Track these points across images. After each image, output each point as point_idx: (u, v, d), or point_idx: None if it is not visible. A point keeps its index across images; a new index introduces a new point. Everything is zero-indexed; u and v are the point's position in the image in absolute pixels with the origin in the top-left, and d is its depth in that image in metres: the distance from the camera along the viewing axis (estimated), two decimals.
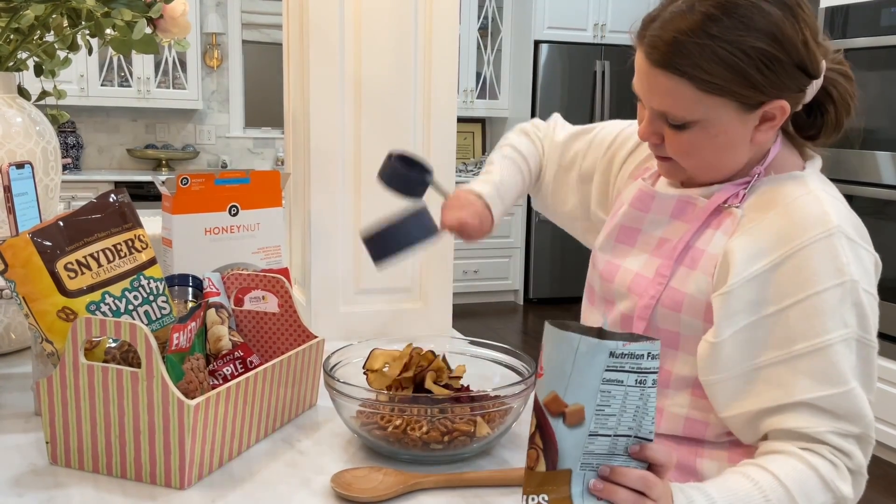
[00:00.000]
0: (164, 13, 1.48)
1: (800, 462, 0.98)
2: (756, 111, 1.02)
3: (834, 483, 0.98)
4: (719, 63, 0.97)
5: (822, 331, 0.98)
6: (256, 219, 1.43)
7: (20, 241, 0.97)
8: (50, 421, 1.00)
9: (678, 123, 1.03)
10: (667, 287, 1.09)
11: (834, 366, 0.98)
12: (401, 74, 1.56)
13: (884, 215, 3.57)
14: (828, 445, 0.99)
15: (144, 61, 5.59)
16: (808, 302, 0.98)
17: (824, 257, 0.99)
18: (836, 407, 0.99)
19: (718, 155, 1.05)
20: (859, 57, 3.65)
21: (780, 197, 1.04)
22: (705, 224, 1.08)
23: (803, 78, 1.01)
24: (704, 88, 0.98)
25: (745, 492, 0.96)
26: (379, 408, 1.03)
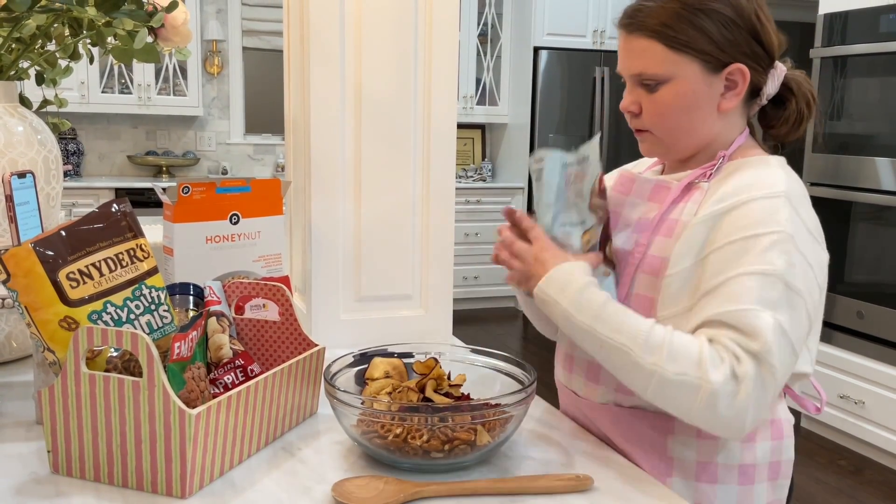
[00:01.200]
0: (165, 22, 1.49)
1: (695, 339, 1.05)
2: (719, 74, 1.15)
3: (706, 364, 1.02)
4: (684, 21, 1.12)
5: (745, 263, 1.06)
6: (257, 227, 1.43)
7: (22, 251, 0.97)
8: (51, 430, 1.00)
9: (651, 83, 1.16)
10: (646, 255, 1.18)
11: (744, 289, 1.05)
12: (401, 81, 1.57)
13: (883, 221, 3.57)
14: (725, 347, 1.04)
15: (145, 68, 5.60)
16: (740, 243, 1.07)
17: (764, 210, 1.08)
18: (738, 322, 1.04)
19: (688, 116, 1.17)
20: (858, 63, 3.66)
21: (744, 169, 1.16)
22: (677, 200, 1.18)
23: (757, 48, 1.15)
24: (672, 45, 1.13)
25: (627, 318, 1.07)
26: (379, 416, 1.04)
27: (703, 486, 1.16)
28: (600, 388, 1.23)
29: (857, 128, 3.70)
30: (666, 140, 1.21)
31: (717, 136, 1.20)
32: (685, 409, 1.05)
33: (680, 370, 1.02)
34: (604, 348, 1.08)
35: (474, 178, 6.46)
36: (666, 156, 1.25)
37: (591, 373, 1.24)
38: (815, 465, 3.57)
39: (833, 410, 3.78)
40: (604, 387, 1.22)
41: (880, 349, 3.56)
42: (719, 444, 1.16)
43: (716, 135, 1.20)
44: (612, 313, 1.08)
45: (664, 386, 1.04)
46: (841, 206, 3.74)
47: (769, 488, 1.19)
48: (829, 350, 3.78)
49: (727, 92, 1.16)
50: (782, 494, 1.22)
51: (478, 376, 1.22)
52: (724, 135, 1.20)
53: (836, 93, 3.78)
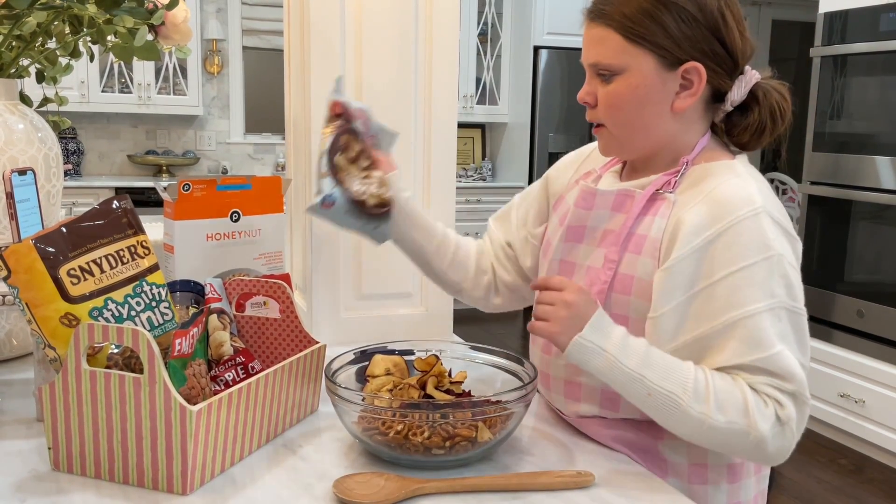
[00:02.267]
0: (165, 20, 1.49)
1: (735, 382, 1.05)
2: (675, 71, 1.11)
3: (754, 413, 1.03)
4: (644, 14, 1.10)
5: (751, 300, 1.05)
6: (258, 224, 1.43)
7: (23, 247, 0.97)
8: (52, 427, 1.00)
9: (606, 73, 1.14)
10: (616, 273, 1.15)
11: (762, 331, 1.04)
12: (401, 80, 1.57)
13: (883, 220, 3.57)
14: (764, 393, 1.05)
15: (145, 67, 5.59)
16: (738, 275, 1.05)
17: (752, 234, 1.06)
18: (771, 366, 1.05)
19: (640, 111, 1.14)
20: (858, 62, 3.66)
21: (710, 179, 1.12)
22: (643, 212, 1.15)
23: (719, 48, 1.12)
24: (629, 37, 1.11)
25: (672, 363, 1.05)
26: (380, 413, 1.04)
27: (696, 487, 1.16)
28: (582, 405, 1.20)
29: (857, 127, 3.70)
30: (619, 136, 1.17)
31: (673, 138, 1.16)
32: (731, 450, 1.08)
33: (729, 419, 1.03)
34: (653, 396, 1.05)
35: (474, 178, 6.46)
36: (621, 154, 1.22)
37: (569, 391, 1.21)
38: (816, 464, 3.58)
39: (833, 409, 3.78)
40: (586, 404, 1.19)
41: (880, 348, 3.56)
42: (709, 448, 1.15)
43: (672, 136, 1.16)
44: (658, 359, 1.06)
45: (713, 433, 1.04)
46: (841, 204, 3.74)
47: (755, 482, 1.21)
48: (829, 349, 3.78)
49: (682, 91, 1.13)
50: (765, 485, 1.24)
51: (478, 373, 1.22)
52: (682, 137, 1.17)
53: (836, 92, 3.78)
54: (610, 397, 1.16)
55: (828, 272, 3.80)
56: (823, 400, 3.82)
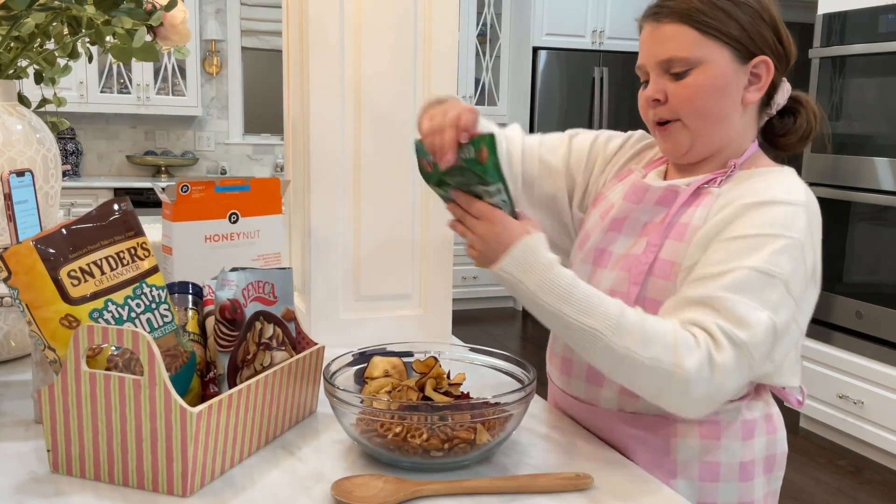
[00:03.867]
0: (164, 21, 1.49)
1: (669, 323, 1.05)
2: (746, 65, 1.15)
3: (681, 351, 1.02)
4: (716, 9, 1.13)
5: (754, 259, 1.06)
6: (256, 226, 1.43)
7: (23, 249, 0.97)
8: (51, 429, 1.00)
9: (680, 69, 1.15)
10: (657, 258, 1.16)
11: (746, 284, 1.05)
12: (400, 81, 1.57)
13: (882, 221, 3.58)
14: (705, 332, 1.04)
15: (144, 68, 5.59)
16: (752, 240, 1.08)
17: (782, 215, 1.09)
18: (730, 311, 1.04)
19: (718, 101, 1.16)
20: (857, 63, 3.66)
21: (760, 177, 1.16)
22: (687, 204, 1.18)
23: (779, 46, 1.17)
24: (703, 30, 1.13)
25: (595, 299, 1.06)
26: (379, 415, 1.04)
27: (707, 485, 1.17)
28: (604, 392, 1.22)
29: (855, 128, 3.71)
30: (695, 128, 1.17)
31: (735, 136, 1.19)
32: (654, 392, 1.06)
33: (653, 355, 1.02)
34: (571, 330, 1.06)
35: None
36: (689, 151, 1.20)
37: (591, 376, 1.23)
38: (815, 466, 3.58)
39: (832, 410, 3.78)
40: (607, 390, 1.21)
41: (879, 349, 3.56)
42: (721, 444, 1.17)
43: (736, 132, 1.19)
44: (581, 295, 1.06)
45: (635, 370, 1.04)
46: (840, 206, 3.74)
47: (765, 481, 1.21)
48: (828, 350, 3.79)
49: (751, 85, 1.16)
50: (777, 486, 1.24)
51: (477, 375, 1.22)
52: (738, 139, 1.20)
53: (834, 93, 3.78)
54: None
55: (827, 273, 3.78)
56: (822, 401, 3.82)
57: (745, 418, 1.18)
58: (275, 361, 1.15)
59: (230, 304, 1.10)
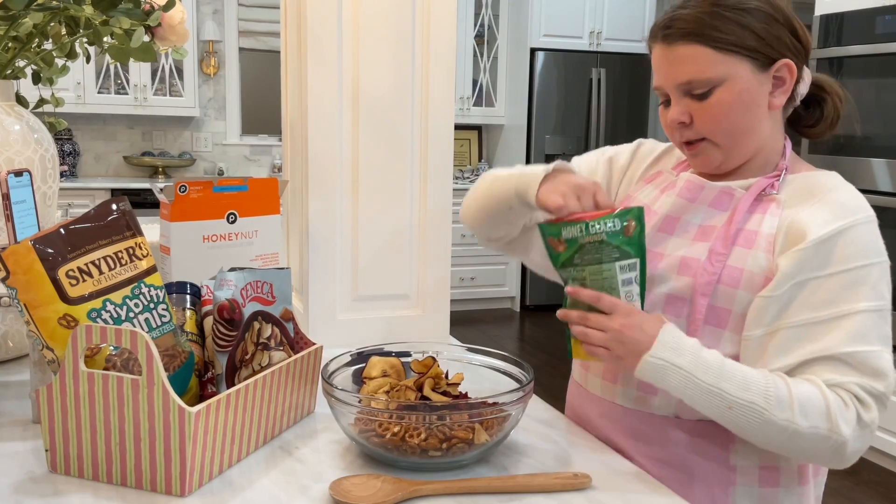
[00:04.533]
0: (162, 21, 1.49)
1: (815, 388, 1.06)
2: (768, 71, 1.13)
3: (836, 417, 1.04)
4: (728, 22, 1.11)
5: (863, 298, 1.07)
6: (254, 226, 1.43)
7: (22, 249, 0.97)
8: (49, 428, 1.00)
9: (703, 91, 1.13)
10: (725, 266, 1.15)
11: (868, 328, 1.06)
12: (398, 81, 1.57)
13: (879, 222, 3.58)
14: (849, 392, 1.06)
15: (141, 69, 5.59)
16: (855, 273, 1.08)
17: (870, 237, 1.10)
18: (864, 364, 1.06)
19: (746, 116, 1.14)
20: (854, 65, 3.67)
21: (819, 185, 1.15)
22: (750, 211, 1.16)
23: (797, 43, 1.15)
24: (721, 48, 1.11)
25: (747, 373, 1.06)
26: (377, 415, 1.04)
27: (767, 490, 1.16)
28: (657, 400, 1.19)
29: (853, 129, 3.71)
30: (725, 145, 1.16)
31: (766, 139, 1.19)
32: (811, 455, 1.08)
33: (812, 424, 1.04)
34: (733, 409, 1.05)
35: (471, 179, 6.47)
36: (722, 165, 1.20)
37: (643, 384, 1.19)
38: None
39: None
40: (661, 398, 1.19)
41: None
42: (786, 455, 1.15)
43: (767, 136, 1.18)
44: (735, 371, 1.07)
45: (796, 439, 1.05)
46: None
47: (815, 485, 1.22)
48: None
49: (775, 90, 1.15)
50: (821, 491, 1.26)
51: (475, 375, 1.22)
52: (773, 137, 1.19)
53: None
54: None
55: None
56: None
57: None
58: (273, 361, 1.15)
59: (228, 304, 1.10)
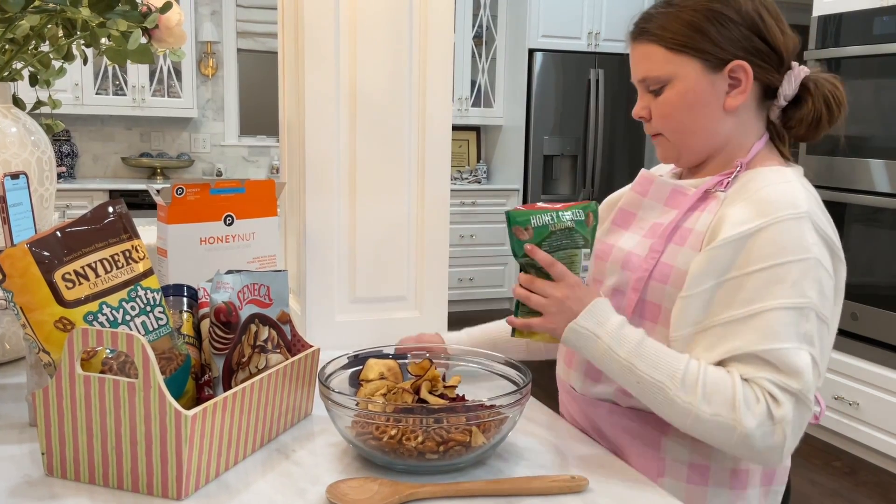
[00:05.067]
0: (159, 23, 1.49)
1: (729, 377, 1.06)
2: (721, 72, 1.15)
3: (741, 408, 1.03)
4: (680, 22, 1.15)
5: (780, 296, 1.06)
6: (251, 228, 1.43)
7: (18, 252, 0.97)
8: (46, 432, 1.00)
9: (656, 87, 1.18)
10: (658, 262, 1.17)
11: (782, 326, 1.05)
12: (396, 82, 1.57)
13: (876, 223, 3.58)
14: (762, 388, 1.05)
15: (139, 70, 5.59)
16: (772, 270, 1.06)
17: (792, 234, 1.07)
18: (779, 361, 1.04)
19: (692, 115, 1.17)
20: (852, 65, 3.67)
21: (756, 181, 1.14)
22: (693, 208, 1.18)
23: (761, 45, 1.16)
24: (671, 47, 1.16)
25: (664, 353, 1.08)
26: (374, 418, 1.04)
27: (694, 487, 1.16)
28: (599, 387, 1.23)
29: (850, 130, 3.71)
30: (675, 141, 1.21)
31: (730, 139, 1.19)
32: (719, 444, 1.08)
33: (714, 412, 1.05)
34: (641, 384, 1.08)
35: (469, 180, 6.46)
36: (679, 160, 1.24)
37: (589, 370, 1.24)
38: (810, 467, 3.58)
39: (827, 412, 3.79)
40: (603, 385, 1.22)
41: (874, 350, 3.57)
42: (712, 447, 1.16)
43: (728, 136, 1.19)
44: (650, 350, 1.09)
45: (699, 424, 1.06)
46: (835, 207, 3.75)
47: (762, 494, 1.20)
48: None
49: (731, 90, 1.16)
50: (776, 501, 1.22)
51: (472, 378, 1.22)
52: (738, 137, 1.20)
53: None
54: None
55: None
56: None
57: None
58: (270, 364, 1.15)
59: (225, 307, 1.10)
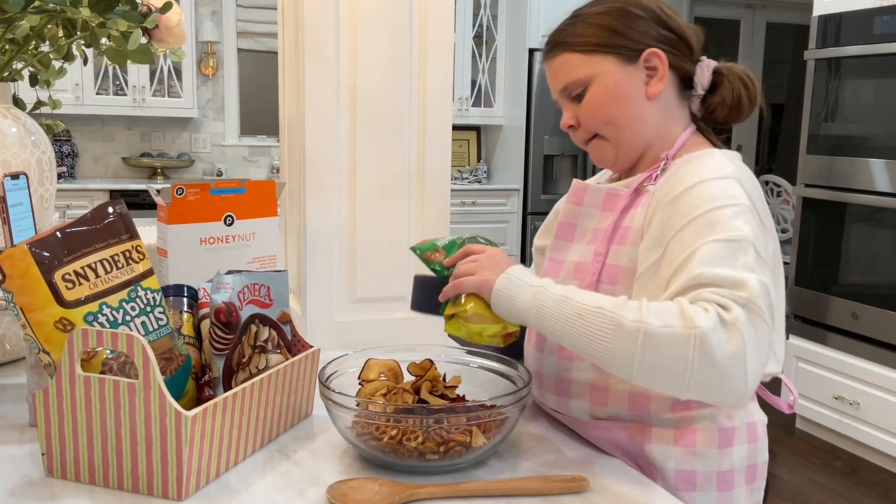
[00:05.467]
0: (159, 23, 1.49)
1: (670, 301, 1.01)
2: (637, 63, 1.19)
3: (691, 314, 0.96)
4: (588, 26, 1.20)
5: (715, 234, 1.03)
6: (252, 228, 1.43)
7: (18, 252, 0.97)
8: (46, 432, 1.00)
9: (578, 91, 1.22)
10: (604, 265, 1.17)
11: (722, 257, 1.01)
12: (396, 82, 1.57)
13: (877, 222, 3.58)
14: (707, 301, 0.98)
15: (139, 70, 5.59)
16: (704, 217, 1.06)
17: (718, 189, 1.08)
18: (720, 279, 0.99)
19: (618, 107, 1.20)
20: (852, 65, 3.67)
21: (683, 162, 1.16)
22: (627, 207, 1.19)
23: (669, 34, 1.21)
24: (585, 50, 1.20)
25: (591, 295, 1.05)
26: (374, 418, 1.04)
27: (683, 494, 1.15)
28: (573, 402, 1.21)
29: (851, 129, 3.71)
30: (611, 137, 1.22)
31: (657, 130, 1.22)
32: (679, 369, 0.96)
33: (665, 323, 0.96)
34: (582, 318, 1.01)
35: (469, 180, 6.46)
36: (616, 160, 1.25)
37: (560, 388, 1.22)
38: (810, 467, 3.58)
39: (828, 412, 3.79)
40: (577, 400, 1.20)
41: (875, 350, 3.57)
42: (697, 451, 1.15)
43: (656, 127, 1.22)
44: (580, 292, 1.05)
45: (651, 344, 0.96)
46: (835, 207, 3.75)
47: (746, 492, 1.19)
48: (824, 351, 3.79)
49: (650, 79, 1.20)
50: (759, 497, 1.22)
51: (473, 378, 1.22)
52: (664, 129, 1.22)
53: (830, 94, 3.79)
54: (599, 390, 1.18)
55: (822, 274, 3.81)
56: (818, 402, 3.83)
57: (723, 426, 1.16)
58: (270, 364, 1.15)
59: (225, 307, 1.10)
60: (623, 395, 1.17)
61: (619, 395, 1.17)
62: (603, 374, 1.17)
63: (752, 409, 1.21)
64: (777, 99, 8.23)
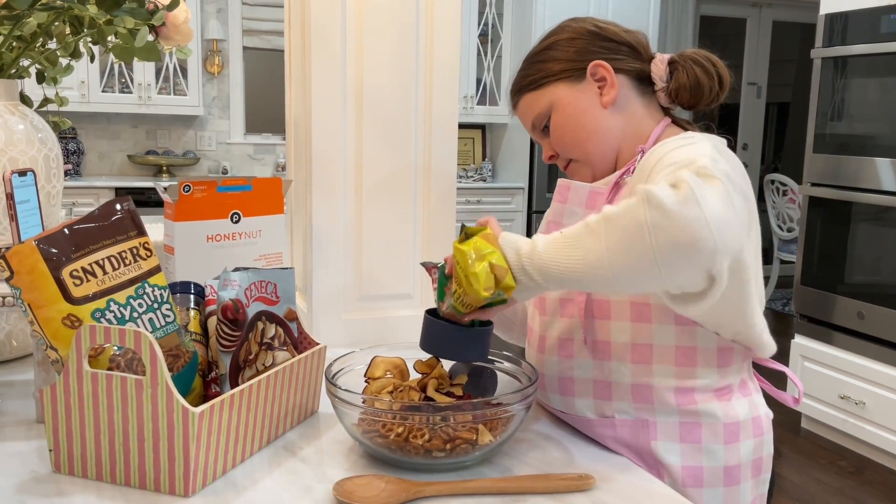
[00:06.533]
0: (166, 21, 1.49)
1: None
2: (584, 79, 1.25)
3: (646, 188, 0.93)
4: (535, 65, 1.29)
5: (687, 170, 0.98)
6: (258, 226, 1.43)
7: (26, 248, 0.97)
8: (53, 428, 1.00)
9: (544, 124, 1.29)
10: None
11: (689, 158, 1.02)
12: (402, 81, 1.57)
13: (883, 221, 3.57)
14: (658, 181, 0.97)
15: (145, 68, 5.60)
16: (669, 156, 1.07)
17: (689, 150, 1.07)
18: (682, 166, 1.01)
19: (580, 124, 1.25)
20: (859, 64, 3.66)
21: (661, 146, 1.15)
22: (609, 202, 1.20)
23: (608, 43, 1.26)
24: (536, 86, 1.28)
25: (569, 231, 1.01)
26: (380, 416, 1.04)
27: (689, 490, 1.15)
28: (578, 401, 1.21)
29: (857, 128, 3.71)
30: (583, 156, 1.27)
31: (625, 133, 1.24)
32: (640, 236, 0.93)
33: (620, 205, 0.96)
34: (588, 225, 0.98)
35: (475, 178, 6.46)
36: (595, 174, 1.28)
37: (563, 387, 1.22)
38: (816, 466, 3.58)
39: (833, 411, 3.78)
40: (581, 398, 1.20)
41: (881, 350, 3.56)
42: (702, 448, 1.15)
43: (622, 131, 1.25)
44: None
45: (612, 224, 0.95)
46: (841, 206, 3.74)
47: (753, 486, 1.20)
48: (830, 350, 3.78)
49: (601, 89, 1.25)
50: (764, 489, 1.23)
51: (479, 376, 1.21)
52: (634, 129, 1.25)
53: (836, 93, 3.78)
54: (602, 385, 1.18)
55: (828, 274, 3.80)
56: (823, 401, 3.82)
57: (729, 420, 1.16)
58: (277, 361, 1.15)
59: (232, 304, 1.10)
60: (626, 388, 1.17)
61: (622, 388, 1.17)
62: (604, 370, 1.18)
63: (758, 403, 1.21)
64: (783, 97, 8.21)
